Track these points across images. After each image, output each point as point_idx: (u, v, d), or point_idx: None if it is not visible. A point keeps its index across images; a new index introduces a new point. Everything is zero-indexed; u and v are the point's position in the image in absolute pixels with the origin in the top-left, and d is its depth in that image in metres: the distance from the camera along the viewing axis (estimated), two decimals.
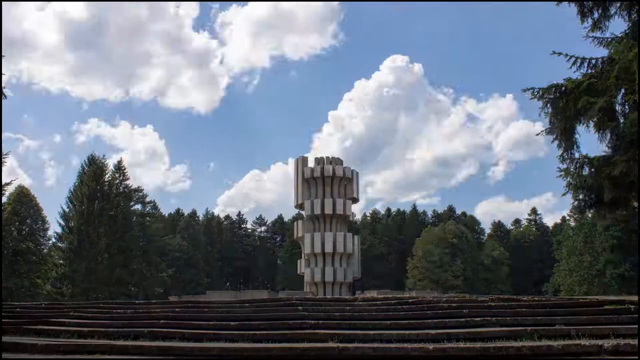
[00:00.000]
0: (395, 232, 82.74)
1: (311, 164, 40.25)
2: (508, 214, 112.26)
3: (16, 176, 78.73)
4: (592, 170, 11.84)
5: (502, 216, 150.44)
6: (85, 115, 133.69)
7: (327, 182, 39.18)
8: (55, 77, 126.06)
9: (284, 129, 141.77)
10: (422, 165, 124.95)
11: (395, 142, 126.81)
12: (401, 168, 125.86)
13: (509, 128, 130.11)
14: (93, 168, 50.25)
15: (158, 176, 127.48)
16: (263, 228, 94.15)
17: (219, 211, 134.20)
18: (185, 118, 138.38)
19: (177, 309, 14.62)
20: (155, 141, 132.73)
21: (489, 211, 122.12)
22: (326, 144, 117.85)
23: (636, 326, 9.67)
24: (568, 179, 12.35)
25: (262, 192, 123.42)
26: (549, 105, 12.12)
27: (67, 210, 50.20)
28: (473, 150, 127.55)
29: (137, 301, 22.71)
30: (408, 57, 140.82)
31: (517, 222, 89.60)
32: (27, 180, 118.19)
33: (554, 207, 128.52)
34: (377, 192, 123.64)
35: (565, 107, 11.74)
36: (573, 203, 13.36)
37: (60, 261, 50.21)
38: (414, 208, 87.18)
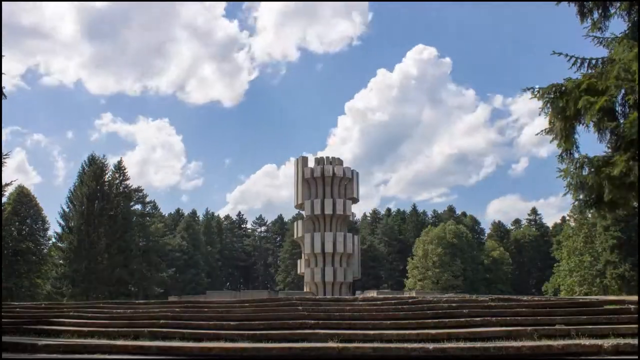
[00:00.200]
0: (396, 232, 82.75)
1: (312, 164, 40.27)
2: (523, 212, 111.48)
3: (16, 177, 78.78)
4: (592, 170, 11.81)
5: (516, 214, 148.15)
6: (101, 109, 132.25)
7: (327, 182, 39.19)
8: (71, 70, 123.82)
9: (309, 122, 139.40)
10: (442, 161, 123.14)
11: (415, 137, 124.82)
12: (420, 164, 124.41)
13: (534, 122, 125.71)
14: (93, 168, 50.25)
15: (174, 173, 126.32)
16: (263, 228, 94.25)
17: (229, 209, 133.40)
18: (203, 113, 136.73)
19: (177, 309, 14.63)
20: (172, 136, 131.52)
21: (503, 209, 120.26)
22: (343, 140, 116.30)
23: (636, 326, 9.67)
24: (568, 179, 12.34)
25: (276, 188, 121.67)
26: (549, 105, 12.11)
27: (67, 210, 50.22)
28: (495, 147, 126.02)
29: (137, 301, 22.68)
30: (436, 50, 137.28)
31: (517, 222, 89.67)
32: (36, 178, 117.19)
33: (569, 206, 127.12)
34: (393, 188, 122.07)
35: (565, 107, 11.73)
36: (573, 203, 13.38)
37: (60, 261, 50.17)
38: (414, 208, 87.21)
